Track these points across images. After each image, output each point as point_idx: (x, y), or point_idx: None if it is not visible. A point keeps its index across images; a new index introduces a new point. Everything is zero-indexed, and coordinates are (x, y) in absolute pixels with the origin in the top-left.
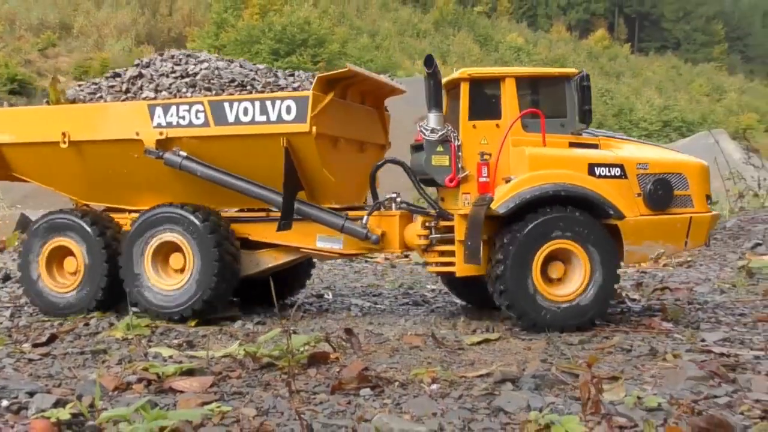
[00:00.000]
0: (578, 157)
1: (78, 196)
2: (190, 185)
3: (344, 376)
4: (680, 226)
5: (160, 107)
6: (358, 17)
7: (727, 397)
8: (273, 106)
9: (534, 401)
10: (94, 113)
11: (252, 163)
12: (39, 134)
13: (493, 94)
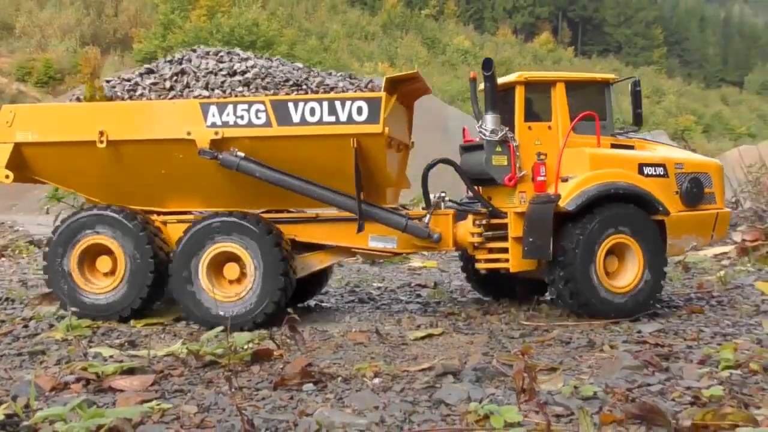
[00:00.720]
0: (630, 157)
1: (101, 198)
2: (230, 187)
3: (287, 372)
4: (709, 221)
5: (215, 106)
6: (306, 19)
7: (660, 384)
8: (343, 107)
9: (474, 393)
10: (137, 111)
11: (312, 164)
12: (70, 133)
13: (545, 98)
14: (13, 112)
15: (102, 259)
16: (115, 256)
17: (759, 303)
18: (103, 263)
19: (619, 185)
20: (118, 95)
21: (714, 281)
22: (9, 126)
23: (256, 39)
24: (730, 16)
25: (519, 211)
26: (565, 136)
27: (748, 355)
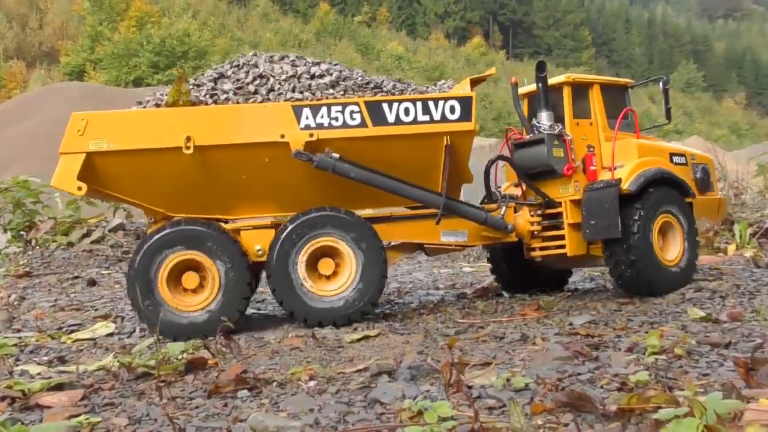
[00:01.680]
0: (663, 148)
1: (169, 209)
2: (306, 189)
3: (221, 380)
4: (714, 205)
5: (308, 108)
6: (239, 28)
7: (589, 373)
8: (436, 106)
9: (409, 391)
10: (227, 115)
11: (400, 163)
12: (153, 140)
13: (585, 98)
14: (85, 119)
15: (188, 276)
16: (206, 270)
17: (684, 291)
18: (189, 280)
19: (664, 171)
20: (201, 100)
21: None
22: (81, 135)
23: (188, 49)
24: (653, 17)
25: (575, 198)
26: (616, 129)
27: (673, 341)
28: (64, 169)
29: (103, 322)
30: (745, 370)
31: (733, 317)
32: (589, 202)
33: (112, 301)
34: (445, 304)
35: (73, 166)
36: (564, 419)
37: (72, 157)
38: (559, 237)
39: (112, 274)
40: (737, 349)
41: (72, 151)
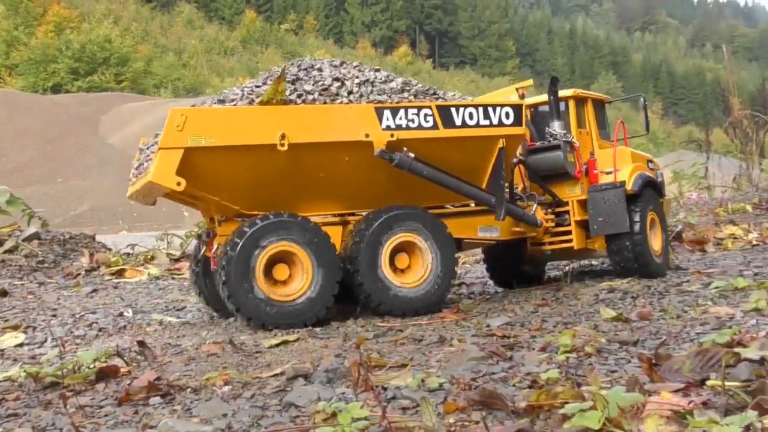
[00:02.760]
0: (643, 155)
1: (246, 206)
2: (374, 187)
3: (133, 387)
4: (667, 205)
5: (389, 110)
6: (162, 35)
7: (503, 372)
8: (494, 112)
9: (324, 393)
10: (317, 114)
11: (458, 162)
12: (250, 136)
13: (584, 110)
14: (184, 115)
15: (279, 267)
16: (298, 260)
17: (598, 292)
18: (280, 271)
19: (649, 176)
20: (290, 99)
21: (561, 275)
22: (180, 130)
23: (110, 55)
24: (574, 28)
25: (581, 198)
26: (615, 139)
27: (584, 340)
28: (163, 164)
29: (12, 332)
30: (648, 365)
31: (642, 316)
32: (595, 201)
33: (23, 312)
34: (365, 309)
35: (172, 161)
36: (475, 417)
37: (171, 152)
38: (566, 233)
39: (25, 284)
40: (645, 346)
41: (171, 146)
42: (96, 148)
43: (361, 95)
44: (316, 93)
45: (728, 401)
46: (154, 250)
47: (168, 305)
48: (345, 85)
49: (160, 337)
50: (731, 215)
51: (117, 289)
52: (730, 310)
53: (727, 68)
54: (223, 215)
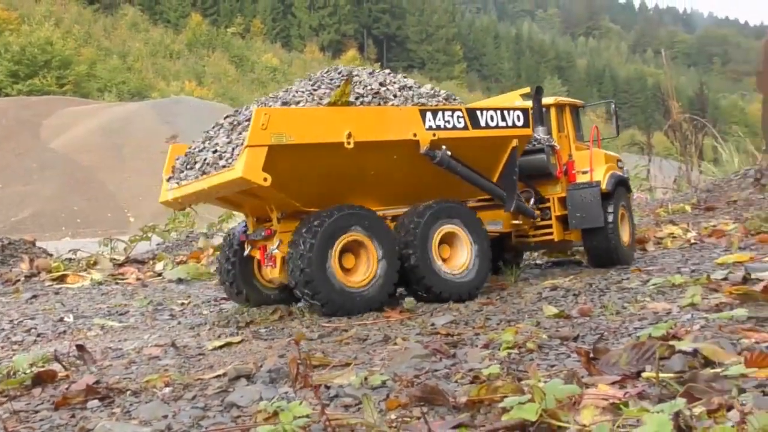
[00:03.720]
0: (614, 156)
1: (305, 202)
2: (411, 183)
3: (70, 391)
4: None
5: (430, 112)
6: (106, 38)
7: (446, 369)
8: (509, 115)
9: (267, 393)
10: (376, 115)
11: (478, 160)
12: (323, 134)
13: (563, 116)
14: (268, 114)
15: (347, 256)
16: (366, 248)
17: (541, 291)
18: (348, 260)
19: (621, 174)
20: (351, 101)
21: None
22: (264, 129)
23: (51, 58)
24: (520, 33)
25: (561, 196)
26: (591, 142)
27: (526, 336)
28: (251, 161)
29: None
30: (586, 359)
31: (583, 313)
32: (574, 198)
33: None
34: (311, 310)
35: (258, 158)
36: (416, 413)
37: (257, 150)
38: (547, 226)
39: None
40: (585, 341)
41: (257, 144)
42: (37, 152)
43: (405, 99)
44: (370, 96)
45: (661, 392)
46: (97, 256)
47: (110, 310)
48: (390, 89)
49: (101, 341)
50: (671, 215)
51: (58, 294)
52: (667, 305)
53: (667, 73)
54: (282, 212)
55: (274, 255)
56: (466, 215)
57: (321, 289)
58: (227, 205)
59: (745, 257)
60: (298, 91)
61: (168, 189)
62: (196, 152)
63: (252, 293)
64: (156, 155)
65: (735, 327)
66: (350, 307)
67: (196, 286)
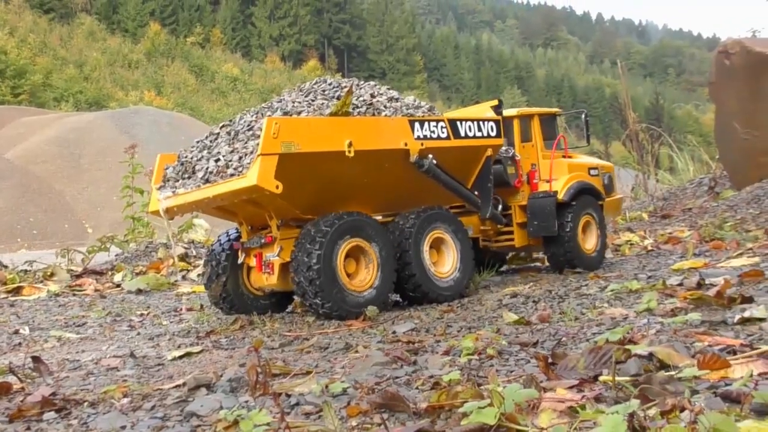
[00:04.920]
0: (584, 164)
1: (305, 210)
2: (396, 191)
3: (26, 404)
4: (617, 204)
5: (418, 122)
6: (62, 47)
7: (406, 376)
8: (484, 126)
9: (227, 402)
10: (371, 125)
11: (453, 168)
12: (326, 143)
13: (529, 126)
14: (278, 123)
15: (348, 261)
16: (366, 254)
17: (501, 298)
18: (350, 265)
19: (587, 183)
20: (350, 111)
21: None
22: (275, 137)
23: (5, 68)
24: (480, 44)
25: (522, 204)
26: (552, 151)
27: (486, 343)
28: (264, 169)
29: None
30: (545, 364)
31: (543, 319)
32: (532, 207)
33: None
34: (272, 319)
35: (271, 166)
36: (377, 420)
37: (269, 158)
38: (510, 232)
39: None
40: (544, 347)
41: (269, 152)
42: None
43: (395, 110)
44: (364, 107)
45: (617, 394)
46: (54, 267)
47: (68, 321)
48: (380, 100)
49: (58, 353)
50: (629, 223)
51: (13, 307)
52: (624, 311)
53: (623, 83)
54: (281, 220)
55: (271, 262)
56: (453, 221)
57: (328, 292)
58: (222, 213)
59: (700, 263)
60: (295, 102)
61: (160, 198)
62: (193, 161)
63: (242, 302)
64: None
65: (689, 331)
66: (353, 311)
67: (155, 296)
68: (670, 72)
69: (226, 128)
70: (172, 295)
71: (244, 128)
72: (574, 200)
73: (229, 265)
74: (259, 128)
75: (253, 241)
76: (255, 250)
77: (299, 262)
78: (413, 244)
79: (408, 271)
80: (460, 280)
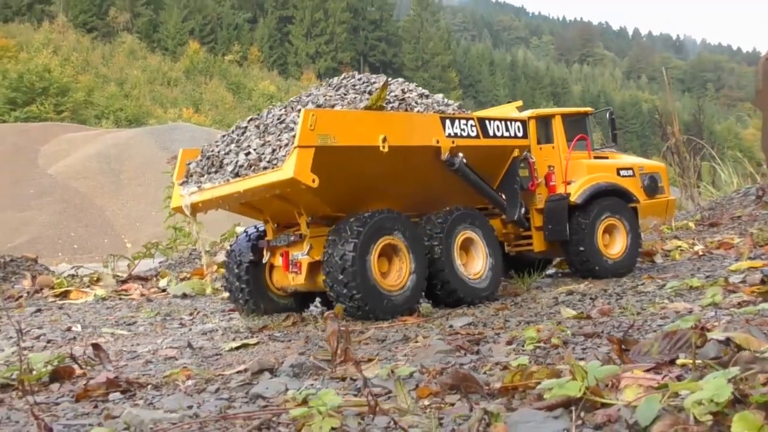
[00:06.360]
0: (610, 165)
1: (334, 206)
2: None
3: (91, 384)
4: (662, 206)
5: (449, 120)
6: (104, 65)
7: (472, 363)
8: (512, 125)
9: (292, 385)
10: (405, 121)
11: (482, 168)
12: (363, 137)
13: (548, 127)
14: (315, 115)
15: (381, 261)
16: (400, 253)
17: (557, 296)
18: (382, 264)
19: (609, 184)
20: (383, 106)
21: (516, 284)
22: (312, 130)
23: (49, 85)
24: (515, 60)
25: (539, 207)
26: (569, 153)
27: (549, 333)
28: (301, 161)
29: None
30: (618, 346)
31: (603, 313)
32: (548, 210)
33: None
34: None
35: (308, 159)
36: (450, 399)
37: (306, 151)
38: (529, 237)
39: None
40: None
41: (306, 145)
42: (35, 179)
43: (426, 106)
44: (397, 102)
45: (701, 374)
46: (100, 273)
47: (118, 321)
48: (411, 96)
49: (113, 346)
50: (675, 232)
51: (62, 309)
52: (687, 305)
53: (668, 92)
54: (311, 217)
55: (299, 261)
56: (483, 223)
57: (361, 291)
58: (247, 210)
59: (759, 263)
60: (326, 96)
61: (184, 194)
62: (221, 155)
63: (264, 302)
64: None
65: (763, 320)
66: (387, 311)
67: (201, 300)
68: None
69: (254, 122)
70: (218, 300)
71: (275, 121)
72: (591, 202)
73: (249, 271)
74: (292, 121)
75: (280, 240)
76: (281, 249)
77: (332, 260)
78: (444, 239)
79: (439, 272)
80: (489, 285)
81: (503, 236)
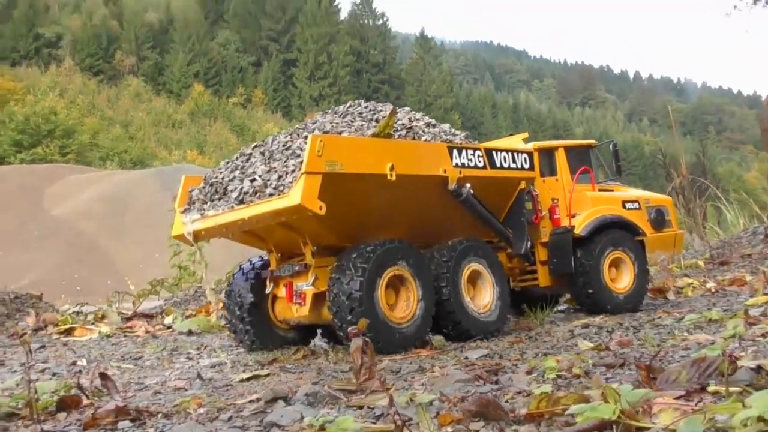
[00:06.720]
0: (615, 197)
1: (340, 237)
2: (426, 220)
3: (100, 413)
4: (670, 240)
5: (456, 149)
6: (109, 107)
7: (492, 392)
8: (518, 157)
9: (308, 413)
10: (413, 149)
11: (492, 200)
12: (369, 165)
13: (551, 159)
14: (322, 141)
15: (388, 292)
16: (407, 283)
17: (573, 329)
18: (389, 295)
19: (612, 217)
20: (391, 134)
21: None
22: (320, 156)
23: (55, 128)
24: (518, 102)
25: (543, 241)
26: (572, 185)
27: (569, 363)
28: (308, 188)
29: None
30: (646, 373)
31: (623, 344)
32: (552, 244)
33: None
34: (336, 348)
35: (315, 185)
36: (474, 426)
37: (313, 177)
38: (534, 271)
39: None
40: (631, 368)
41: (313, 171)
42: (39, 220)
43: (433, 135)
44: (404, 131)
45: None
46: (105, 310)
47: (124, 356)
48: (418, 125)
49: (120, 378)
50: (684, 270)
51: (66, 345)
52: (709, 336)
53: (674, 130)
54: (316, 247)
55: (303, 292)
56: (490, 255)
57: (372, 329)
58: (250, 239)
59: None
60: (333, 123)
61: (186, 221)
62: (225, 181)
63: (270, 339)
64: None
65: None
66: (398, 344)
67: (207, 337)
68: (710, 130)
69: (259, 149)
70: (224, 336)
71: (280, 147)
72: (595, 235)
73: (249, 306)
74: (298, 147)
75: (284, 269)
76: (285, 279)
77: (339, 300)
78: (452, 273)
79: (446, 305)
80: (497, 319)
81: (508, 271)
